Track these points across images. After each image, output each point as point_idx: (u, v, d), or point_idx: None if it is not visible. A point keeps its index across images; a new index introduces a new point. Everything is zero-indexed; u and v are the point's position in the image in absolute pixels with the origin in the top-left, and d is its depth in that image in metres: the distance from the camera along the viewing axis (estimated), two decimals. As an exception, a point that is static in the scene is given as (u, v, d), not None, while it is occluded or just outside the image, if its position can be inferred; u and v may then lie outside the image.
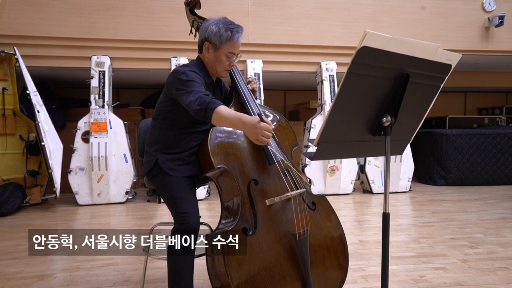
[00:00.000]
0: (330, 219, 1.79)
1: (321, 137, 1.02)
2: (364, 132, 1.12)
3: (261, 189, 1.64)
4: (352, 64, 0.92)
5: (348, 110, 1.03)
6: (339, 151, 1.13)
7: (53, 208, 4.46)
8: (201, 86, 1.62)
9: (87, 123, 4.58)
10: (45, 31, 4.61)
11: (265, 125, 1.44)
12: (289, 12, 5.23)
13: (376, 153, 1.22)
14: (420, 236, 3.16)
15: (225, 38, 1.70)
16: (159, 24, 4.91)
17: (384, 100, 1.06)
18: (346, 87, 0.95)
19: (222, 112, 1.49)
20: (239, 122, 1.47)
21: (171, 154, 1.74)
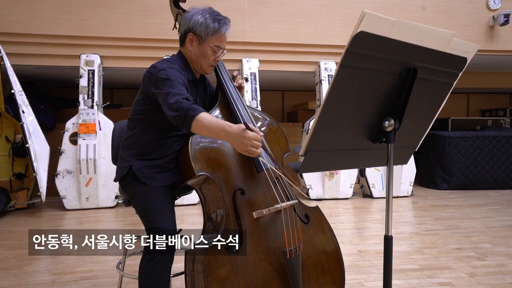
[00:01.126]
0: (325, 233, 1.60)
1: (309, 145, 0.83)
2: (362, 138, 0.93)
3: (248, 200, 1.46)
4: (346, 54, 0.74)
5: (341, 112, 0.84)
6: (332, 161, 0.94)
7: (39, 212, 4.27)
8: (181, 86, 1.43)
9: (75, 124, 4.39)
10: (33, 29, 4.43)
11: (253, 134, 1.28)
12: (287, 9, 5.05)
13: (376, 163, 1.04)
14: (424, 245, 2.97)
15: (212, 30, 1.53)
16: (152, 21, 4.72)
17: (386, 100, 0.88)
18: (339, 83, 0.77)
19: (203, 121, 1.32)
20: (223, 132, 1.30)
21: (148, 161, 1.55)
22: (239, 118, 1.55)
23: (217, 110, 1.59)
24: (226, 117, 1.58)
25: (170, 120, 1.38)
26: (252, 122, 1.59)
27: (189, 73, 1.59)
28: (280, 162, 1.65)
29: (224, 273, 1.35)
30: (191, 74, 1.61)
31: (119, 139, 1.72)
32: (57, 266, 2.54)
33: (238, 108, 1.58)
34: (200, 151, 1.45)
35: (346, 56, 0.74)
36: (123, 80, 5.89)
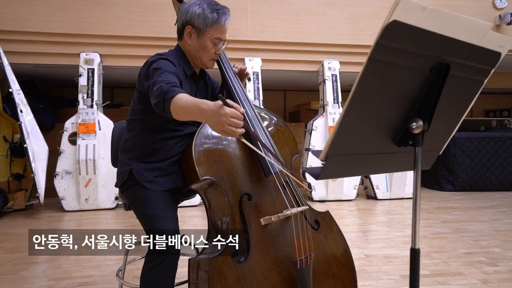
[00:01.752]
0: (336, 240, 1.52)
1: (330, 149, 0.75)
2: (386, 141, 0.85)
3: (255, 206, 1.37)
4: (375, 47, 0.65)
5: (366, 113, 0.76)
6: (353, 167, 0.86)
7: (37, 214, 4.19)
8: (171, 75, 1.32)
9: (74, 124, 4.30)
10: (30, 26, 4.34)
11: (231, 110, 1.08)
12: (290, 8, 4.96)
13: (400, 167, 0.95)
14: (432, 250, 2.88)
15: (211, 21, 1.44)
16: (153, 19, 4.64)
17: (414, 99, 0.79)
18: (365, 80, 0.69)
19: (179, 102, 1.17)
20: (197, 110, 1.13)
21: (149, 163, 1.46)
22: (245, 115, 1.47)
23: None
24: None
25: (154, 109, 1.27)
26: (259, 122, 1.50)
27: (187, 67, 1.51)
28: (289, 165, 1.57)
29: (230, 282, 1.27)
30: (189, 68, 1.52)
31: (119, 140, 1.64)
32: (55, 271, 2.46)
33: (243, 106, 1.50)
34: (204, 154, 1.37)
35: (375, 49, 0.66)
36: (123, 79, 5.81)
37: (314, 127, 4.84)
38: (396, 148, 0.86)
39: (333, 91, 4.94)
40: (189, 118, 1.20)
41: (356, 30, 5.11)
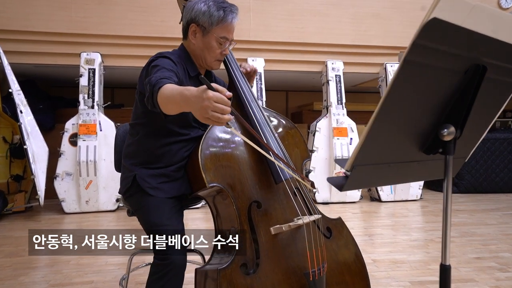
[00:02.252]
0: (349, 248, 1.46)
1: (357, 158, 0.69)
2: (414, 149, 0.79)
3: (264, 214, 1.31)
4: (412, 47, 0.59)
5: (397, 119, 0.70)
6: (379, 176, 0.80)
7: (37, 216, 4.13)
8: (167, 72, 1.24)
9: (75, 125, 4.24)
10: (31, 26, 4.28)
11: (216, 94, 0.96)
12: (293, 7, 4.91)
13: (426, 176, 0.90)
14: (440, 254, 2.82)
15: (217, 19, 1.37)
16: (155, 19, 4.58)
17: (445, 104, 0.73)
18: (399, 84, 0.63)
19: (165, 91, 1.07)
20: (181, 98, 1.03)
21: (153, 169, 1.40)
22: (254, 120, 1.41)
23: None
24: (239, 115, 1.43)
25: (147, 106, 1.18)
26: (269, 125, 1.43)
27: (191, 68, 1.44)
28: (299, 169, 1.51)
29: (239, 295, 1.21)
30: (193, 69, 1.45)
31: (123, 144, 1.57)
32: (55, 276, 2.40)
33: (252, 109, 1.44)
34: (211, 159, 1.30)
35: (412, 49, 0.60)
36: (124, 79, 5.75)
37: (318, 128, 4.78)
38: (423, 156, 0.81)
39: (337, 92, 4.89)
40: (176, 109, 1.09)
41: (359, 30, 5.05)
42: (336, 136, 4.72)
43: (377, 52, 5.16)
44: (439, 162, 0.82)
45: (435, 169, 0.84)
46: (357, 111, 6.15)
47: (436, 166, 0.82)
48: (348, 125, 4.81)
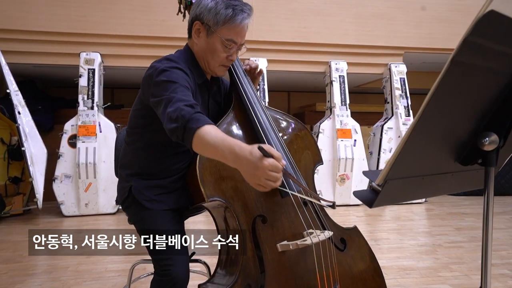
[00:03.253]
0: (365, 260, 1.37)
1: (391, 172, 0.61)
2: (449, 160, 0.71)
3: (270, 229, 1.20)
4: (463, 46, 0.51)
5: (436, 127, 0.62)
6: (412, 190, 0.72)
7: (36, 219, 4.05)
8: (187, 91, 1.13)
9: (74, 126, 4.16)
10: (29, 25, 4.20)
11: (271, 163, 0.93)
12: (296, 7, 4.83)
13: (458, 188, 0.82)
14: (450, 260, 2.74)
15: (223, 18, 1.21)
16: (156, 18, 4.50)
17: (487, 109, 0.66)
18: (444, 88, 0.55)
19: (207, 137, 0.99)
20: (230, 154, 0.96)
21: (150, 180, 1.29)
22: (257, 125, 1.28)
23: (230, 115, 1.31)
24: (241, 124, 1.31)
25: (169, 135, 1.07)
26: (275, 131, 1.30)
27: (198, 75, 1.29)
28: (310, 175, 1.42)
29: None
30: (200, 76, 1.30)
31: (123, 149, 1.48)
32: (53, 284, 2.31)
33: (256, 112, 1.29)
34: (210, 171, 1.18)
35: (462, 48, 0.52)
36: (125, 80, 5.67)
37: (321, 130, 4.70)
38: (458, 167, 0.73)
39: (341, 93, 4.81)
40: (215, 158, 1.03)
41: (363, 30, 4.98)
42: (340, 137, 4.65)
43: (381, 52, 5.08)
44: (474, 173, 0.74)
45: (469, 180, 0.77)
46: (361, 112, 6.08)
47: (471, 177, 0.74)
48: (352, 126, 4.73)
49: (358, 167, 4.66)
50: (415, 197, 0.80)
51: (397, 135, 4.83)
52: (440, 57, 5.45)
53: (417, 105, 3.20)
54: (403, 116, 4.86)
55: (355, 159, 4.61)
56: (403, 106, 4.89)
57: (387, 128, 4.86)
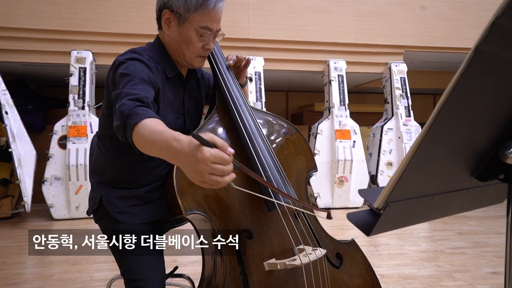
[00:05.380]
0: (363, 277, 1.25)
1: (393, 193, 0.49)
2: (463, 175, 0.59)
3: (257, 246, 1.08)
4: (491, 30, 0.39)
5: (450, 137, 0.50)
6: (417, 213, 0.60)
7: (24, 223, 3.91)
8: (143, 84, 1.00)
9: (64, 127, 4.03)
10: (19, 22, 4.07)
11: (215, 153, 0.74)
12: (294, 4, 4.70)
13: (473, 206, 0.70)
14: (453, 268, 2.62)
15: (195, 3, 1.08)
16: (149, 16, 4.33)
17: (509, 115, 0.53)
18: (464, 85, 0.43)
19: (144, 132, 0.85)
20: (168, 151, 0.80)
21: (122, 189, 1.16)
22: (241, 129, 1.15)
23: (213, 118, 1.18)
24: (226, 127, 1.18)
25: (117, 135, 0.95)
26: (261, 135, 1.16)
27: (169, 68, 1.16)
28: (303, 183, 1.30)
29: None
30: (172, 68, 1.17)
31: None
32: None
33: (240, 114, 1.16)
34: (190, 182, 1.02)
35: (490, 33, 0.39)
36: (118, 79, 5.54)
37: (319, 131, 4.58)
38: (474, 183, 0.61)
39: (340, 93, 4.68)
40: (159, 156, 0.86)
41: (363, 28, 4.85)
42: (339, 138, 4.52)
43: (381, 51, 4.96)
44: (493, 188, 0.62)
45: (487, 196, 0.64)
46: (360, 112, 5.96)
47: (490, 192, 0.62)
48: (351, 127, 4.61)
49: (357, 169, 4.54)
50: (421, 220, 0.67)
51: (397, 136, 4.71)
52: (441, 56, 5.33)
53: (418, 105, 3.08)
54: (404, 116, 4.74)
55: (354, 160, 4.49)
56: (403, 106, 4.77)
57: (387, 129, 4.73)
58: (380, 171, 4.66)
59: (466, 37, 5.03)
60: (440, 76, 6.61)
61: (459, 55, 5.26)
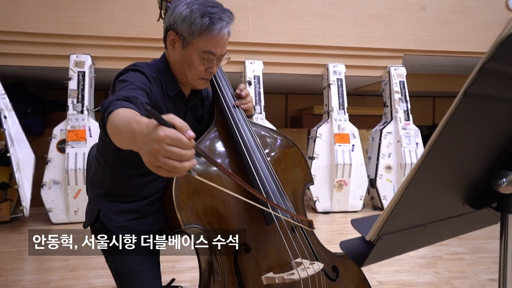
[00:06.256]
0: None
1: (386, 226, 0.49)
2: (456, 202, 0.59)
3: (255, 259, 1.08)
4: (480, 75, 0.40)
5: (442, 170, 0.50)
6: (410, 242, 0.60)
7: (22, 227, 3.91)
8: (135, 90, 0.98)
9: (63, 131, 4.03)
10: (17, 26, 4.07)
11: (171, 133, 0.66)
12: (293, 8, 4.70)
13: (466, 230, 0.70)
14: (451, 275, 2.62)
15: (199, 29, 1.07)
16: (149, 19, 4.35)
17: (506, 144, 0.54)
18: (453, 126, 0.43)
19: (113, 120, 0.81)
20: (128, 133, 0.75)
21: (121, 203, 1.17)
22: (240, 143, 1.15)
23: (212, 131, 1.19)
24: (224, 141, 1.19)
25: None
26: (259, 148, 1.17)
27: (171, 86, 1.16)
28: (300, 196, 1.30)
29: None
30: (174, 87, 1.17)
31: (96, 166, 1.35)
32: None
33: (239, 128, 1.17)
34: (188, 194, 1.04)
35: (478, 77, 0.40)
36: (117, 82, 5.54)
37: (318, 134, 4.58)
38: (467, 209, 0.61)
39: (339, 96, 4.68)
40: (125, 146, 0.80)
41: (362, 32, 4.85)
42: (338, 142, 4.52)
43: (380, 54, 4.96)
44: (487, 212, 0.62)
45: (481, 219, 0.64)
46: (359, 115, 5.96)
47: (484, 215, 0.62)
48: (350, 131, 4.61)
49: (356, 173, 4.54)
50: (415, 248, 0.67)
51: (396, 140, 4.71)
52: (440, 60, 5.33)
53: (417, 108, 3.06)
54: (403, 120, 4.74)
55: (353, 164, 4.49)
56: (402, 110, 4.77)
57: (386, 133, 4.73)
58: (379, 175, 4.66)
59: (465, 41, 5.04)
60: (439, 79, 6.62)
61: (459, 59, 5.26)
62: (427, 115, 7.78)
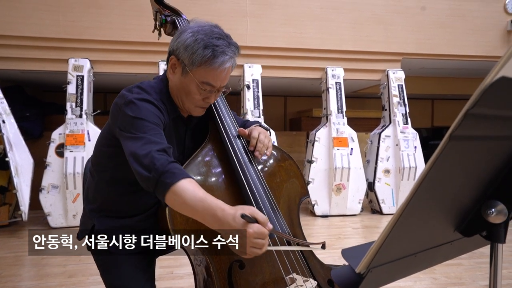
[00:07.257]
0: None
1: (376, 260, 0.50)
2: (447, 230, 0.60)
3: (249, 276, 1.08)
4: (465, 119, 0.40)
5: (430, 205, 0.51)
6: (400, 271, 0.61)
7: (21, 231, 3.91)
8: (157, 129, 1.01)
9: (62, 135, 4.03)
10: (16, 30, 4.07)
11: (257, 229, 0.88)
12: (291, 12, 4.71)
13: (457, 254, 0.71)
14: (449, 281, 2.63)
15: (200, 60, 1.05)
16: (148, 23, 4.30)
17: (494, 176, 0.54)
18: (440, 166, 0.43)
19: (184, 195, 0.90)
20: (212, 219, 0.90)
21: (114, 218, 1.17)
22: (233, 159, 1.16)
23: (206, 147, 1.19)
24: (218, 157, 1.19)
25: (138, 179, 0.97)
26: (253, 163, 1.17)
27: (171, 109, 1.15)
28: (295, 210, 1.30)
29: None
30: (173, 110, 1.16)
31: (92, 179, 1.36)
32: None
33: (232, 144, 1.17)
34: (181, 215, 1.03)
35: (464, 122, 0.40)
36: (117, 85, 5.54)
37: (317, 138, 4.58)
38: (458, 235, 0.61)
39: (337, 100, 4.69)
40: (193, 217, 0.94)
41: (360, 36, 4.86)
42: (336, 146, 4.53)
43: (379, 58, 4.97)
44: (478, 237, 0.62)
45: (473, 243, 0.65)
46: (358, 117, 5.97)
47: (475, 240, 0.63)
48: (349, 134, 4.61)
49: (354, 176, 4.55)
50: (405, 275, 0.68)
51: (395, 143, 4.72)
52: (439, 63, 5.34)
53: (416, 110, 3.06)
54: (401, 124, 4.74)
55: (351, 168, 4.50)
56: (401, 113, 4.78)
57: (385, 136, 4.74)
58: (378, 178, 4.67)
59: (464, 44, 5.05)
60: (438, 81, 6.63)
61: (457, 62, 5.27)
62: (426, 117, 7.79)
